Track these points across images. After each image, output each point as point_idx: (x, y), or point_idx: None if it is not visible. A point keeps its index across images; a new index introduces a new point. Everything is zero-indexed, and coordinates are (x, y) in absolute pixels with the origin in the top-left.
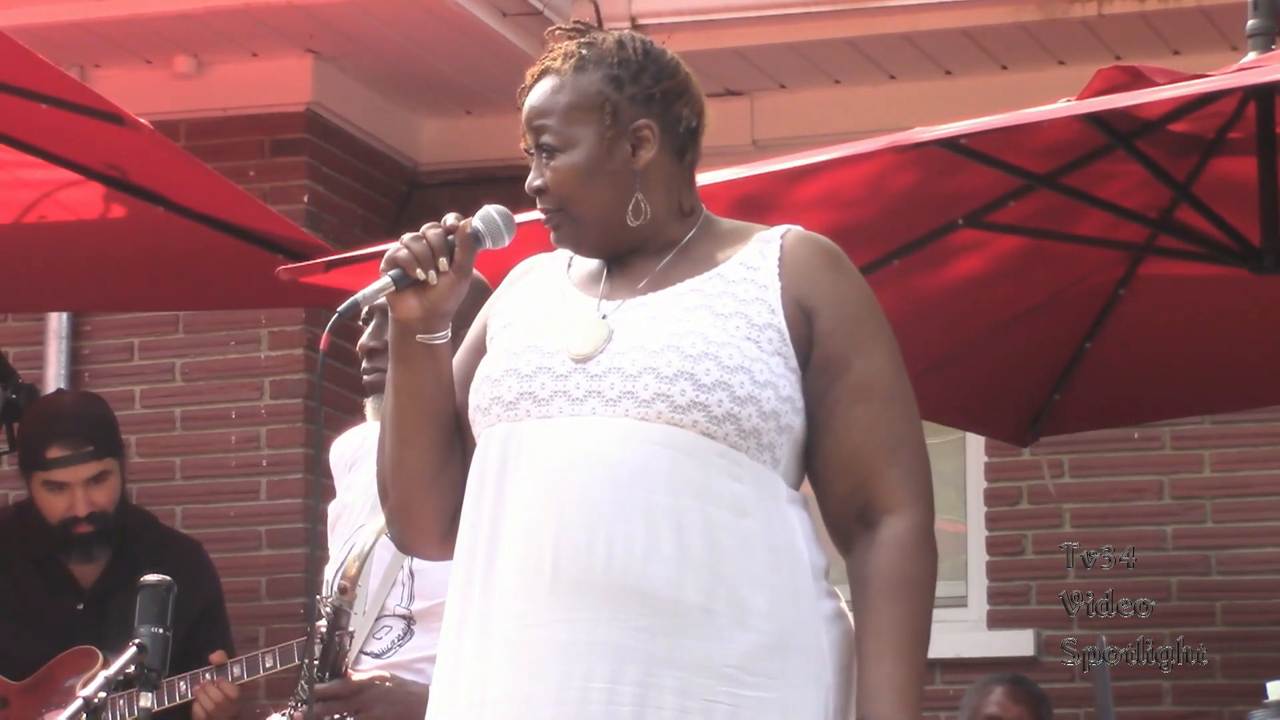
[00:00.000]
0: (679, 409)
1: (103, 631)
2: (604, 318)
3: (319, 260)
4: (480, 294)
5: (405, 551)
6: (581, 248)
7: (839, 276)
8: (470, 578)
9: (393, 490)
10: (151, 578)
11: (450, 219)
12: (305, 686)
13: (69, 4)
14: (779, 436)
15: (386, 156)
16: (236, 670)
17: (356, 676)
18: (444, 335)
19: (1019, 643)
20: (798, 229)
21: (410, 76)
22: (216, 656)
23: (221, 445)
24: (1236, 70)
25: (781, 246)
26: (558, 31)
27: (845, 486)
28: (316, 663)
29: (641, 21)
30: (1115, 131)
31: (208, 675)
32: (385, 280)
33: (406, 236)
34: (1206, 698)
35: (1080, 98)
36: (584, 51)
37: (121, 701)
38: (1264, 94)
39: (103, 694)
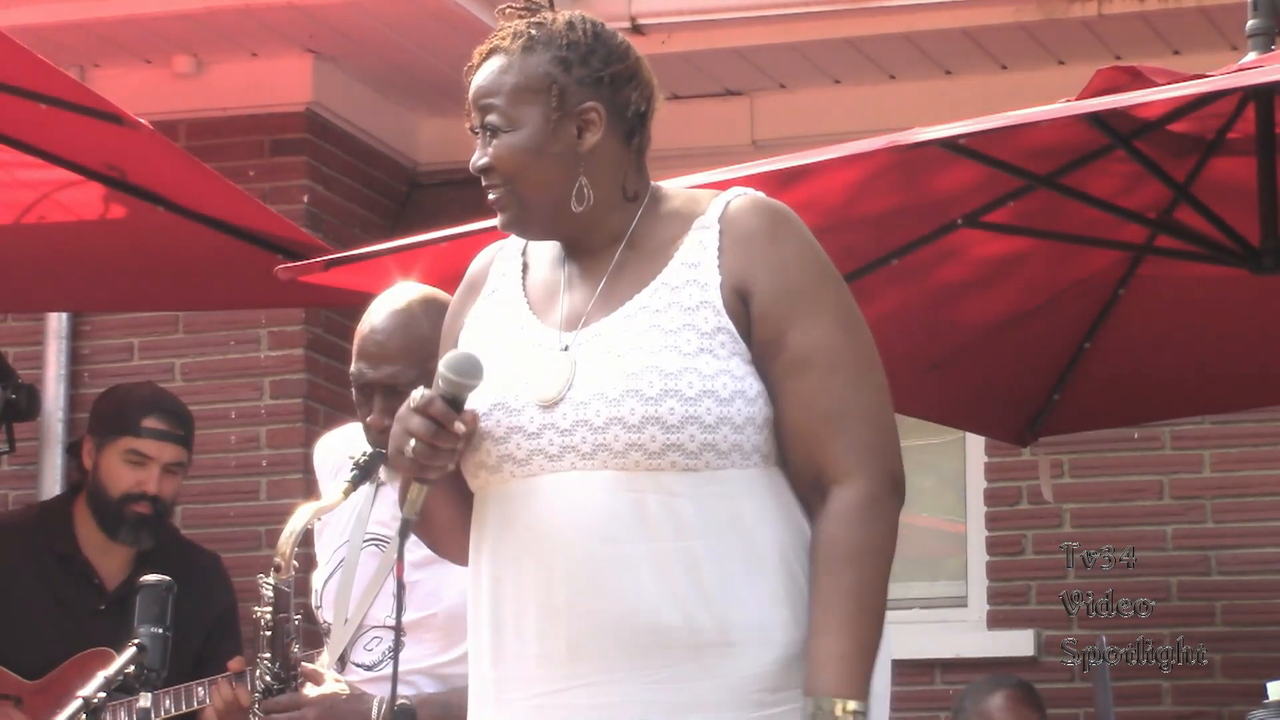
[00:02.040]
0: (653, 455)
1: (122, 633)
2: (565, 349)
3: (318, 260)
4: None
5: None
6: (529, 231)
7: (776, 246)
8: (479, 645)
9: (435, 541)
10: (151, 578)
11: (429, 409)
12: (260, 684)
13: (69, 4)
14: (759, 435)
15: (386, 156)
16: (257, 677)
17: (312, 691)
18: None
19: (1019, 643)
20: (740, 199)
21: (410, 76)
22: (235, 664)
23: (221, 445)
24: (1236, 70)
25: (720, 232)
26: (508, 10)
27: (797, 459)
28: (267, 656)
29: (641, 21)
30: (1115, 131)
31: (230, 680)
32: (419, 489)
33: (408, 448)
34: (1206, 698)
35: (1080, 98)
36: (533, 31)
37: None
38: (1264, 94)
39: (102, 694)
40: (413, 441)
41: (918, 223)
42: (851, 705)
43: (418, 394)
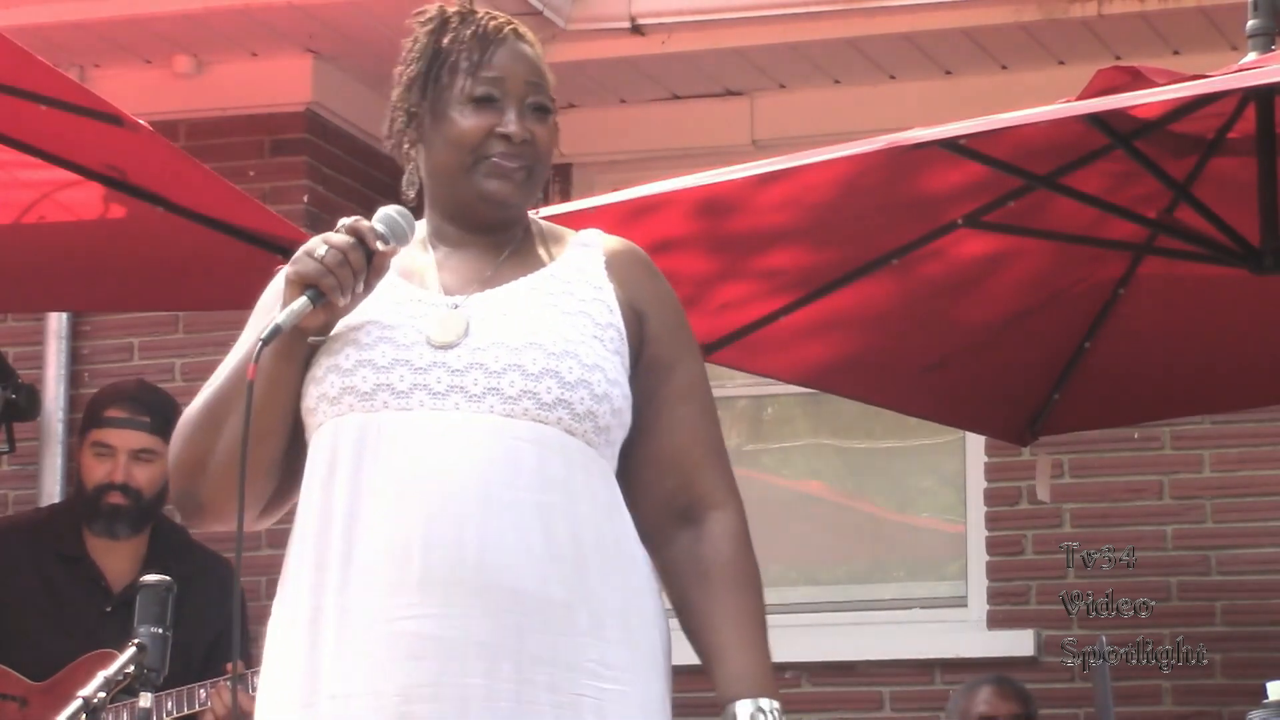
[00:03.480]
0: (545, 406)
1: (128, 636)
2: (455, 306)
3: None
4: None
5: (200, 526)
6: (514, 207)
7: (659, 283)
8: (324, 568)
9: (226, 474)
10: (151, 578)
11: (357, 225)
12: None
13: (69, 4)
14: (619, 434)
15: (386, 156)
16: (258, 680)
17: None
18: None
19: (1019, 643)
20: (601, 235)
21: None
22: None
23: None
24: (1236, 70)
25: (603, 250)
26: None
27: (671, 484)
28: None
29: (641, 21)
30: (1115, 132)
31: (227, 682)
32: (302, 302)
33: (319, 251)
34: (1206, 698)
35: (1080, 98)
36: (524, 32)
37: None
38: (1264, 94)
39: (102, 694)
40: (325, 248)
41: (918, 223)
42: (778, 706)
43: (355, 223)
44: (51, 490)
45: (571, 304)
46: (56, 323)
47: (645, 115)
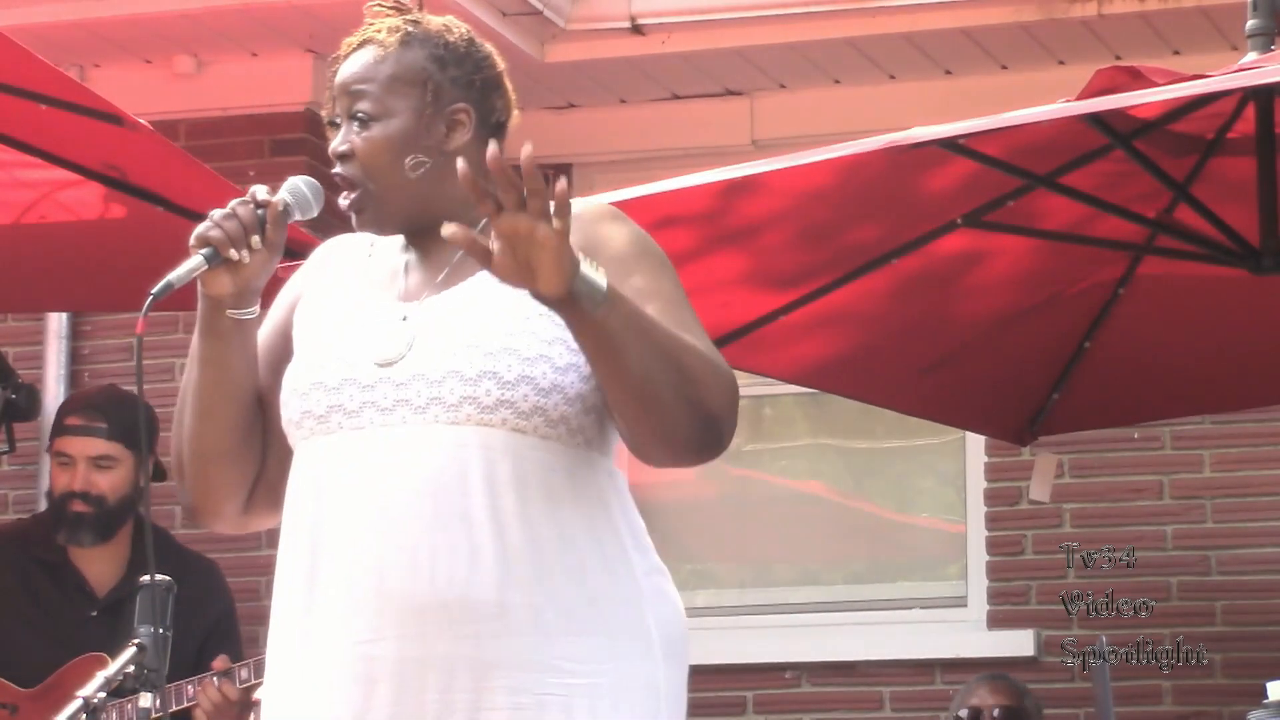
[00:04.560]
0: (486, 409)
1: (115, 640)
2: (404, 319)
3: None
4: None
5: (199, 523)
6: (385, 227)
7: (611, 225)
8: (291, 596)
9: (190, 463)
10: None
11: (260, 193)
12: None
13: (69, 4)
14: (586, 418)
15: None
16: (244, 673)
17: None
18: (253, 310)
19: (1019, 643)
20: (582, 200)
21: None
22: (219, 663)
23: None
24: (1236, 70)
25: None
26: (376, 8)
27: None
28: None
29: (641, 21)
30: (1114, 131)
31: (214, 679)
32: (197, 260)
33: (217, 214)
34: (1206, 698)
35: (1080, 98)
36: (410, 28)
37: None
38: (1263, 94)
39: (102, 694)
40: (221, 212)
41: (918, 222)
42: (600, 282)
43: (259, 189)
44: None
45: (515, 294)
46: (56, 323)
47: (645, 115)
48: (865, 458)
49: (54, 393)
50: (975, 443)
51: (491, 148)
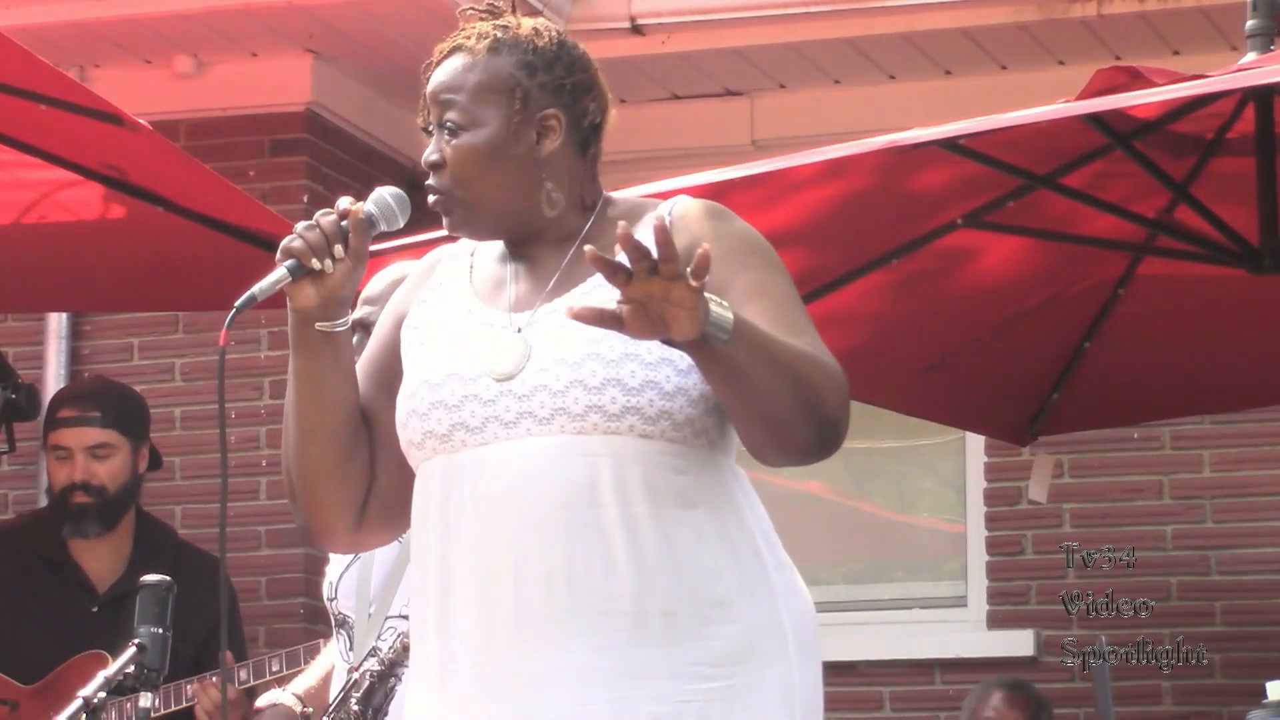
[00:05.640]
0: (612, 417)
1: (116, 635)
2: (519, 331)
3: None
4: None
5: (313, 543)
6: (478, 232)
7: (718, 223)
8: (425, 617)
9: (297, 481)
10: (151, 578)
11: (344, 203)
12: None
13: (69, 4)
14: (709, 419)
15: (386, 156)
16: (243, 674)
17: (259, 702)
18: (344, 322)
19: (1019, 643)
20: (686, 201)
21: (410, 76)
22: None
23: None
24: (1236, 70)
25: (670, 220)
26: (469, 11)
27: None
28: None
29: (641, 21)
30: (1114, 132)
31: (213, 678)
32: (281, 272)
33: (300, 225)
34: (1206, 698)
35: (1079, 98)
36: (499, 34)
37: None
38: (1263, 94)
39: (102, 694)
40: (304, 224)
41: (918, 222)
42: (728, 316)
43: (343, 201)
44: None
45: None
46: (56, 323)
47: (645, 115)
48: (865, 458)
49: (54, 393)
50: (975, 443)
51: (621, 226)
